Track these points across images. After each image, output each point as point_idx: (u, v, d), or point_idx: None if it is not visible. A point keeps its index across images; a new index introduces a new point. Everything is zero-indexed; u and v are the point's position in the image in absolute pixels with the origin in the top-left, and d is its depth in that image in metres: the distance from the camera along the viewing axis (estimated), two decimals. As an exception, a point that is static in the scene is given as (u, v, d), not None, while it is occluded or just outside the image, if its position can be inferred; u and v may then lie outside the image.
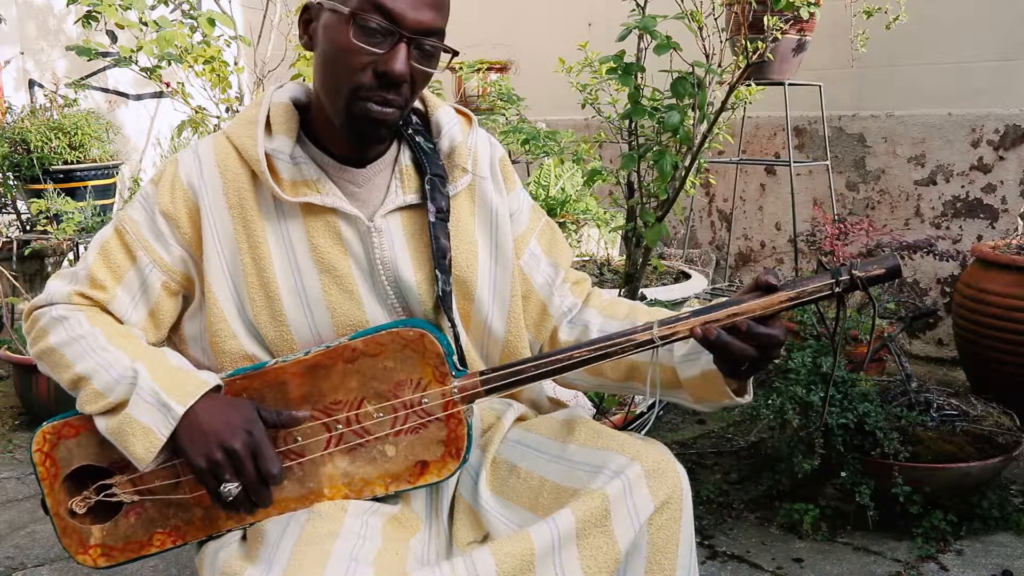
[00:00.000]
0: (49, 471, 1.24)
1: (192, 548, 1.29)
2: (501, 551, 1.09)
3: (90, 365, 1.20)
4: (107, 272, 1.26)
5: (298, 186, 1.24)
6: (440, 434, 1.20)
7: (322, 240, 1.25)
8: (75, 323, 1.24)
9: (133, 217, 1.27)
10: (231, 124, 1.29)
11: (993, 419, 2.35)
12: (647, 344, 1.17)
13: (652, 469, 1.17)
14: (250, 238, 1.24)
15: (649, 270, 3.19)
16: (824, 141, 3.88)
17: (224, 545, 1.20)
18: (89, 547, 1.24)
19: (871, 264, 1.17)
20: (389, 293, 1.27)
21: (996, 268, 2.87)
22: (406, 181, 1.29)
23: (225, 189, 1.25)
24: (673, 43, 2.21)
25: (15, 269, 3.78)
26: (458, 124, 1.34)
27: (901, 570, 2.10)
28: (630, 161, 2.37)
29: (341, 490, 1.21)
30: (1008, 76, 3.48)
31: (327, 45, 1.18)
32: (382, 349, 1.20)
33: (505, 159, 1.40)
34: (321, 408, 1.21)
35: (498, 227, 1.35)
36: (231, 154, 1.25)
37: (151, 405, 1.16)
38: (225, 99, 3.38)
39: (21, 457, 2.90)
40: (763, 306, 1.15)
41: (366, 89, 1.16)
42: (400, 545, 1.15)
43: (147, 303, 1.27)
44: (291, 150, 1.24)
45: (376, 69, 1.15)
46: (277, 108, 1.26)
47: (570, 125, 4.38)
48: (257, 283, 1.24)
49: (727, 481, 2.57)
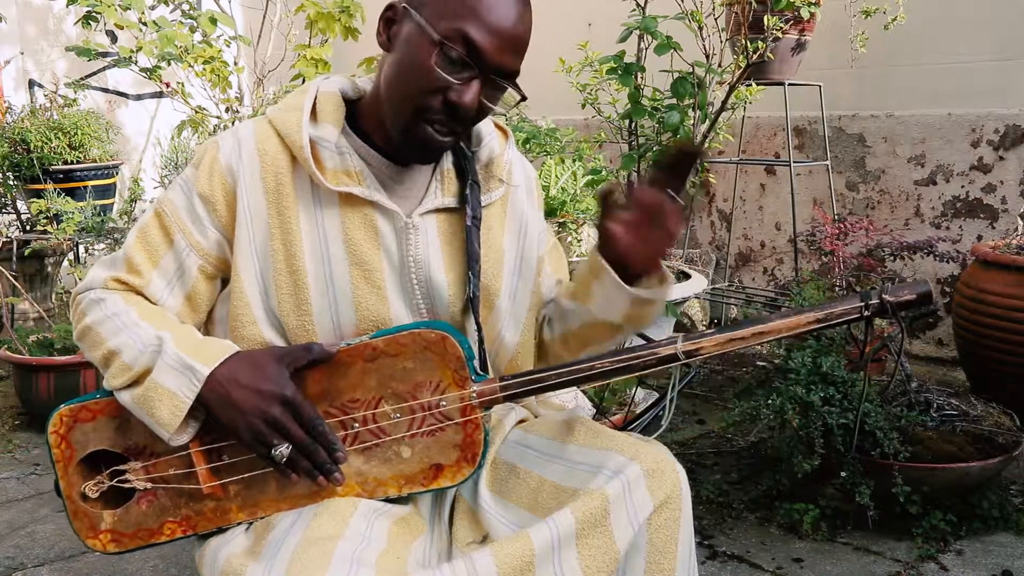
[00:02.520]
0: (64, 453, 1.24)
1: (192, 548, 1.28)
2: (501, 552, 1.09)
3: (121, 340, 1.20)
4: (144, 256, 1.26)
5: (340, 175, 1.23)
6: (456, 438, 1.20)
7: (357, 232, 1.24)
8: (111, 303, 1.25)
9: (172, 200, 1.27)
10: (275, 109, 1.28)
11: (993, 419, 2.35)
12: (671, 359, 1.18)
13: (651, 469, 1.17)
14: (283, 223, 1.24)
15: (649, 270, 3.19)
16: (824, 141, 3.88)
17: (226, 543, 1.20)
18: (99, 531, 1.25)
19: (902, 289, 1.15)
20: (416, 293, 1.27)
21: (996, 268, 2.87)
22: (446, 184, 1.30)
23: (263, 172, 1.24)
24: (673, 43, 2.21)
25: (15, 269, 3.78)
26: (496, 137, 1.35)
27: (901, 570, 2.10)
28: (630, 161, 2.37)
29: (354, 488, 1.21)
30: (1008, 76, 3.48)
31: (405, 56, 1.18)
32: (402, 349, 1.19)
33: (538, 182, 1.43)
34: (338, 406, 1.20)
35: (526, 240, 1.37)
36: (272, 137, 1.25)
37: (175, 369, 1.16)
38: (225, 99, 3.38)
39: (21, 457, 2.90)
40: (790, 326, 1.15)
41: (432, 112, 1.17)
42: (402, 548, 1.15)
43: (183, 287, 1.27)
44: (336, 139, 1.24)
45: (447, 97, 1.16)
46: (325, 96, 1.26)
47: (570, 125, 4.38)
48: (285, 269, 1.24)
49: (727, 481, 2.57)
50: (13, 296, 3.55)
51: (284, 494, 1.21)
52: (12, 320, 3.50)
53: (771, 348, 3.33)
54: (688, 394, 3.31)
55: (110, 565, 2.17)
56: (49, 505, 2.53)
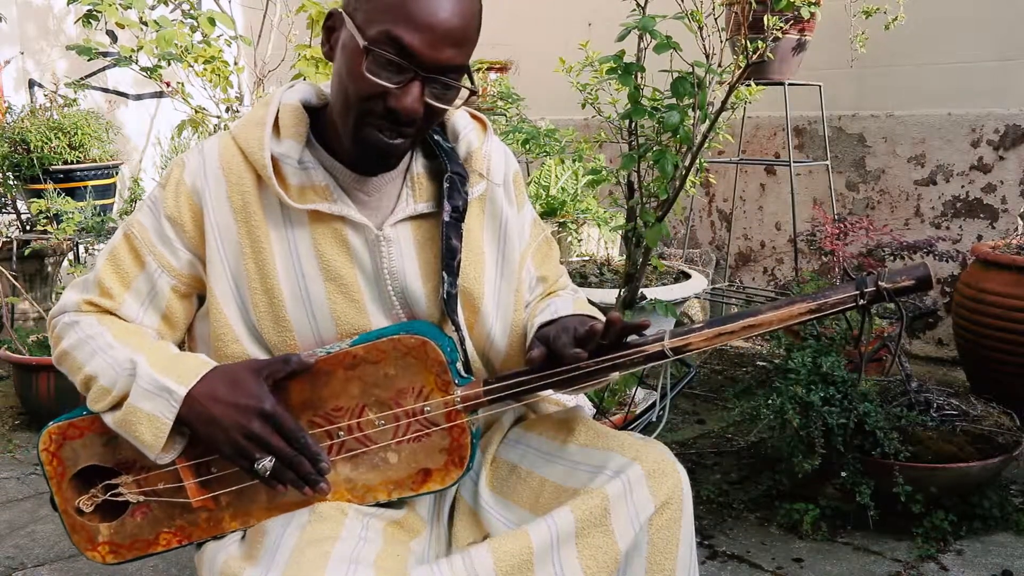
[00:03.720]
0: (56, 470, 1.25)
1: (193, 548, 1.29)
2: (500, 549, 1.09)
3: (97, 364, 1.20)
4: (116, 278, 1.25)
5: (306, 192, 1.21)
6: (443, 442, 1.19)
7: (328, 248, 1.22)
8: (85, 325, 1.24)
9: (142, 222, 1.26)
10: (238, 124, 1.26)
11: (993, 419, 2.35)
12: (658, 356, 1.14)
13: (652, 469, 1.17)
14: (254, 243, 1.22)
15: (649, 270, 3.19)
16: (824, 141, 3.88)
17: (223, 547, 1.20)
18: (97, 544, 1.26)
19: (899, 274, 1.09)
20: (395, 303, 1.25)
21: (996, 268, 2.87)
22: (418, 190, 1.26)
23: (229, 191, 1.22)
24: (673, 43, 2.21)
25: (15, 269, 3.78)
26: (474, 130, 1.32)
27: (901, 570, 2.10)
28: (630, 161, 2.37)
29: (344, 495, 1.20)
30: (1008, 76, 3.48)
31: (342, 65, 1.15)
32: (383, 356, 1.18)
33: (519, 174, 1.38)
34: (322, 415, 1.20)
35: (507, 240, 1.33)
36: (236, 155, 1.22)
37: (151, 392, 1.15)
38: (225, 99, 3.38)
39: (21, 457, 2.90)
40: (781, 318, 1.10)
41: (375, 117, 1.13)
42: (401, 548, 1.15)
43: (158, 308, 1.26)
44: (299, 155, 1.20)
45: (387, 103, 1.12)
46: (287, 110, 1.23)
47: (570, 125, 4.38)
48: (260, 288, 1.22)
49: (727, 481, 2.57)
50: (13, 296, 3.55)
51: (275, 503, 1.21)
52: (12, 320, 3.49)
53: (771, 348, 3.33)
54: (688, 394, 3.31)
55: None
56: (49, 505, 2.53)
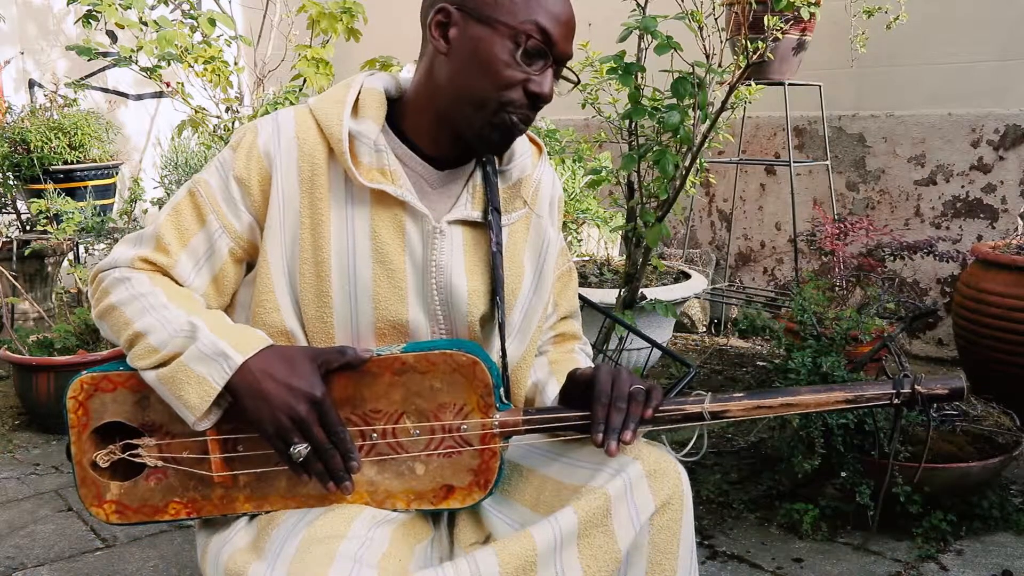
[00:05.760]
0: (80, 419, 1.24)
1: (193, 548, 1.29)
2: (504, 551, 1.09)
3: (148, 322, 1.19)
4: (175, 234, 1.26)
5: (374, 172, 1.24)
6: (472, 463, 1.19)
7: (385, 231, 1.25)
8: (136, 283, 1.23)
9: (208, 181, 1.27)
10: (317, 99, 1.29)
11: (993, 419, 2.35)
12: (696, 418, 1.20)
13: (653, 469, 1.17)
14: (314, 214, 1.24)
15: (649, 270, 3.19)
16: (824, 141, 3.88)
17: (228, 540, 1.20)
18: (104, 501, 1.25)
19: (935, 382, 1.18)
20: (435, 298, 1.28)
21: (996, 268, 2.87)
22: (476, 198, 1.31)
23: (299, 161, 1.24)
24: (673, 43, 2.21)
25: (15, 269, 3.78)
26: (530, 155, 1.36)
27: (901, 570, 2.10)
28: (630, 161, 2.37)
29: (363, 497, 1.20)
30: (1008, 76, 3.48)
31: (474, 56, 1.19)
32: (432, 368, 1.19)
33: (562, 199, 1.44)
34: (360, 414, 1.20)
35: (546, 260, 1.38)
36: (312, 128, 1.26)
37: (207, 356, 1.15)
38: (225, 99, 3.38)
39: (21, 457, 2.90)
40: (819, 402, 1.18)
41: (515, 106, 1.20)
42: (405, 551, 1.15)
43: (211, 269, 1.26)
44: (376, 136, 1.24)
45: (528, 88, 1.19)
46: (368, 92, 1.27)
47: (570, 125, 4.38)
48: (311, 259, 1.24)
49: (727, 481, 2.57)
50: (13, 296, 3.55)
51: (293, 492, 1.21)
52: (12, 320, 3.50)
53: (771, 348, 3.33)
54: (688, 394, 3.30)
55: (110, 565, 2.17)
56: (49, 505, 2.53)
